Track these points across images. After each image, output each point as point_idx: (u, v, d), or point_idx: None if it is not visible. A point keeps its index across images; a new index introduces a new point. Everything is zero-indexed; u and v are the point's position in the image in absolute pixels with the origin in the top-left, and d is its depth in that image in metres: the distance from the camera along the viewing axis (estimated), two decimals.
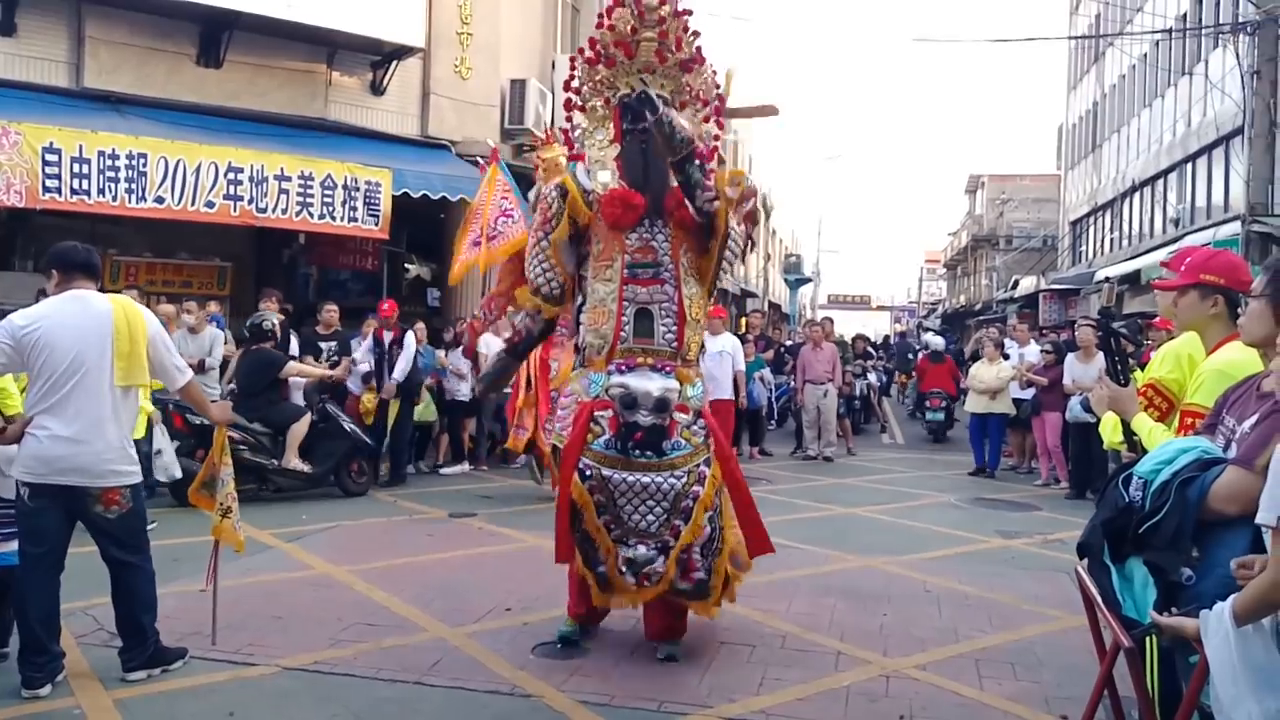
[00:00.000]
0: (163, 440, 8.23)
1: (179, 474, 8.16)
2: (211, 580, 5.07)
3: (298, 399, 10.08)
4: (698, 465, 4.85)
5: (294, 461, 9.25)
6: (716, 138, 5.44)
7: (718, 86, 5.38)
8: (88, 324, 4.38)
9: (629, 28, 5.03)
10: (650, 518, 4.77)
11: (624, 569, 4.80)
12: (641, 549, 4.77)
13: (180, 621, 5.05)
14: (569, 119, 5.47)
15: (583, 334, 5.08)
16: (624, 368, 4.86)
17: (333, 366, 10.10)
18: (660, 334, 4.92)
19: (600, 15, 5.21)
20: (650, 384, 4.78)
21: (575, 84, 5.35)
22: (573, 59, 5.42)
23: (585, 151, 5.28)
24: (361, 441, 9.81)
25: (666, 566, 4.78)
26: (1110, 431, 3.57)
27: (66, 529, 4.42)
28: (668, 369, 4.88)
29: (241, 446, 8.60)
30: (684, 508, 4.78)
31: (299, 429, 9.28)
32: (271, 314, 9.80)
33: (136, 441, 7.47)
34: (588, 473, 4.79)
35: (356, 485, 9.77)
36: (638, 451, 4.75)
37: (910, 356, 22.70)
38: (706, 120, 5.31)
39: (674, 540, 4.78)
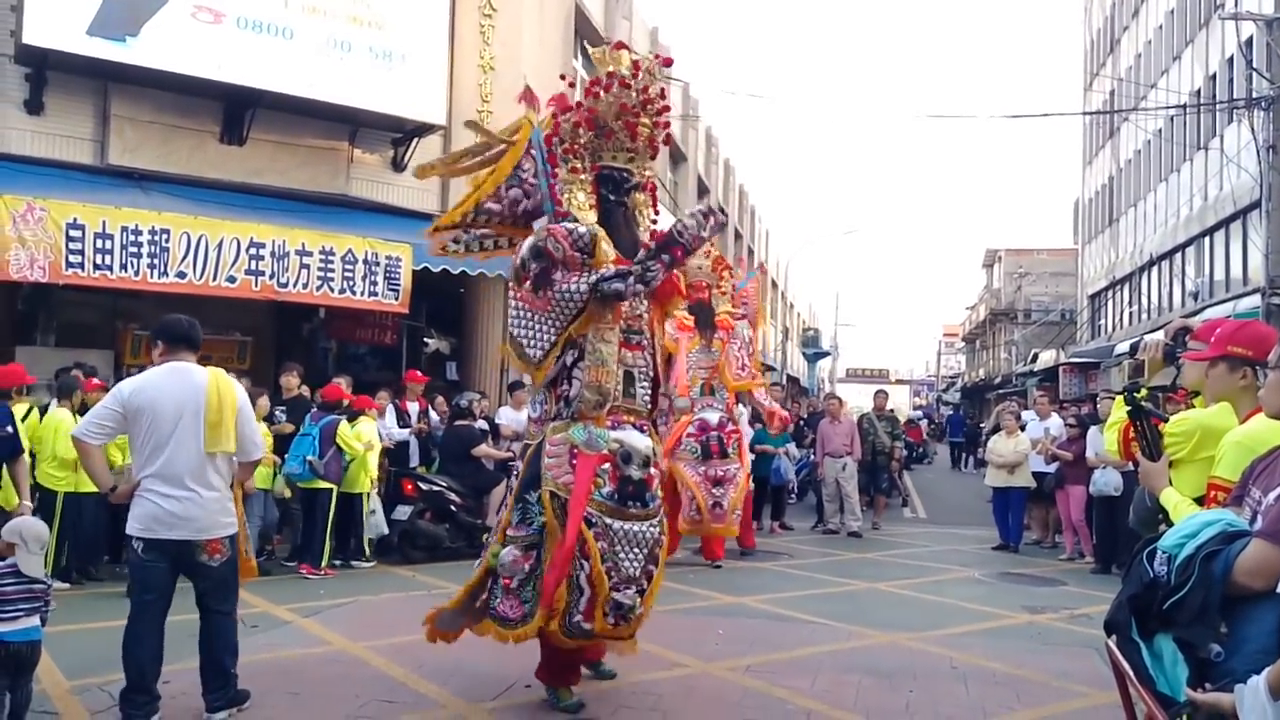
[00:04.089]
0: (376, 501, 9.93)
1: (385, 531, 10.06)
2: None
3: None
4: (663, 515, 5.27)
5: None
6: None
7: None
8: (186, 393, 4.78)
9: (634, 110, 5.26)
10: (637, 564, 5.04)
11: (609, 612, 4.94)
12: (629, 591, 4.99)
13: (196, 698, 4.96)
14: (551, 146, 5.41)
15: (576, 388, 5.14)
16: (614, 425, 5.15)
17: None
18: (640, 396, 5.30)
19: (599, 84, 5.26)
20: (640, 441, 5.14)
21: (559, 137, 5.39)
22: (555, 112, 5.48)
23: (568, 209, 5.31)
24: None
25: (642, 609, 5.11)
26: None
27: (173, 579, 4.83)
28: (643, 427, 5.26)
29: (460, 511, 10.38)
30: (655, 555, 5.12)
31: (499, 491, 10.16)
32: (472, 393, 11.55)
33: (358, 499, 9.64)
34: (593, 521, 4.96)
35: None
36: (630, 502, 5.04)
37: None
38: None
39: (648, 584, 5.12)
